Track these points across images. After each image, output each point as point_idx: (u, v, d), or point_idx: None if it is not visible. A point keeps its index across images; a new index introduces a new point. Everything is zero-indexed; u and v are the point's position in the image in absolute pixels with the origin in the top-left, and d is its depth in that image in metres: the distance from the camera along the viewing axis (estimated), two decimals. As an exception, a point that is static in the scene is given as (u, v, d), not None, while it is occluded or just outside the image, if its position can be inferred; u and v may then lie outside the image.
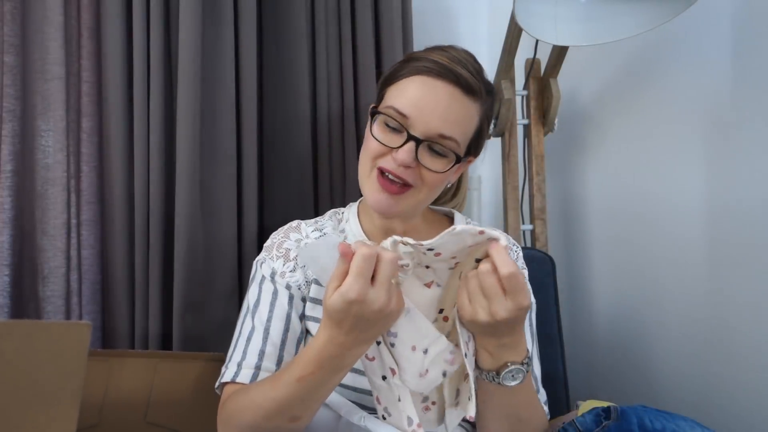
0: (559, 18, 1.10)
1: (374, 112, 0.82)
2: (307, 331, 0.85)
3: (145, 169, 1.14)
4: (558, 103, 1.31)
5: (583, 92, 1.44)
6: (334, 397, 0.79)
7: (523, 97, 1.40)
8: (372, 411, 0.77)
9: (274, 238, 0.91)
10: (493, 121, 1.38)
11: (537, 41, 1.29)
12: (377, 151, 0.80)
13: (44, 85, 1.12)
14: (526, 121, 1.39)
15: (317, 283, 0.84)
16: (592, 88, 1.42)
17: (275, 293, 0.84)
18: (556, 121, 1.35)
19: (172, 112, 1.17)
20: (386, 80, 0.84)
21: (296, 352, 0.79)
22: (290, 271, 0.85)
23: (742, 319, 1.03)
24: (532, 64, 1.38)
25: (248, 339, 0.82)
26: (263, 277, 0.86)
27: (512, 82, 1.32)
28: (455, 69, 0.78)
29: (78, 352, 0.62)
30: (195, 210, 1.15)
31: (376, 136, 0.80)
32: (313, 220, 0.94)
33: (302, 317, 0.84)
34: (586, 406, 0.95)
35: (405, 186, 0.79)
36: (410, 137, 0.77)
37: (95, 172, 1.17)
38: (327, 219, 0.93)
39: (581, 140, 1.44)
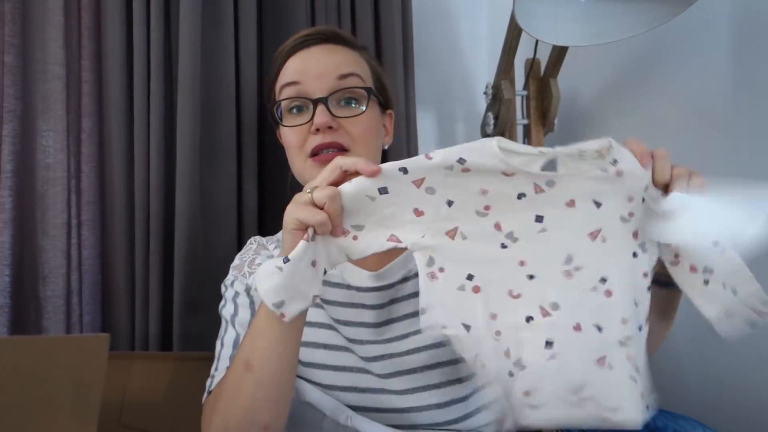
0: (559, 18, 1.10)
1: (274, 109, 0.81)
2: None
3: (145, 169, 1.14)
4: (558, 104, 1.31)
5: (583, 92, 1.44)
6: (318, 397, 0.77)
7: (522, 97, 1.40)
8: (362, 410, 0.76)
9: (243, 257, 0.88)
10: (492, 121, 1.38)
11: (537, 41, 1.29)
12: (297, 137, 0.79)
13: (44, 85, 1.12)
14: (525, 122, 1.39)
15: None
16: (592, 88, 1.42)
17: (252, 304, 0.81)
18: (556, 121, 1.35)
19: (172, 112, 1.17)
20: (270, 84, 0.86)
21: None
22: None
23: (743, 319, 1.03)
24: (532, 64, 1.38)
25: (234, 345, 0.78)
26: (237, 293, 0.83)
27: (512, 82, 1.32)
28: (315, 33, 0.81)
29: (97, 365, 0.62)
30: (195, 210, 1.15)
31: (287, 125, 0.79)
32: (274, 237, 0.91)
33: None
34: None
35: (341, 151, 0.77)
36: (315, 101, 0.76)
37: (95, 172, 1.17)
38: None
39: (581, 140, 1.44)
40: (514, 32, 1.24)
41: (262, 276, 0.58)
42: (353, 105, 0.79)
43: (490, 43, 1.61)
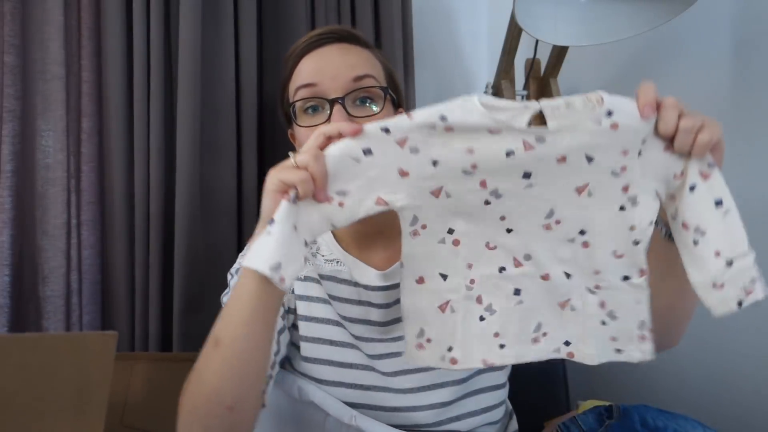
0: (559, 18, 1.10)
1: (290, 111, 0.80)
2: (295, 327, 0.80)
3: (145, 169, 1.14)
4: (558, 103, 1.31)
5: (583, 92, 1.44)
6: (321, 396, 0.77)
7: (523, 97, 1.40)
8: (364, 408, 0.76)
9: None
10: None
11: (537, 41, 1.29)
12: None
13: (44, 85, 1.12)
14: (526, 121, 1.39)
15: (300, 280, 0.81)
16: (592, 88, 1.41)
17: None
18: (556, 121, 1.35)
19: (172, 112, 1.17)
20: (282, 87, 0.84)
21: (278, 347, 0.75)
22: None
23: (742, 319, 1.03)
24: (532, 64, 1.38)
25: None
26: None
27: (512, 82, 1.32)
28: (328, 32, 0.80)
29: (104, 362, 0.62)
30: (195, 210, 1.15)
31: (303, 125, 0.78)
32: None
33: (283, 318, 0.79)
34: (586, 405, 0.95)
35: None
36: (331, 101, 0.75)
37: (95, 172, 1.17)
38: None
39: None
40: (514, 32, 1.24)
41: (252, 247, 0.56)
42: (368, 104, 0.78)
43: (490, 42, 1.61)
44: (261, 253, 0.55)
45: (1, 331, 1.07)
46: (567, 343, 0.65)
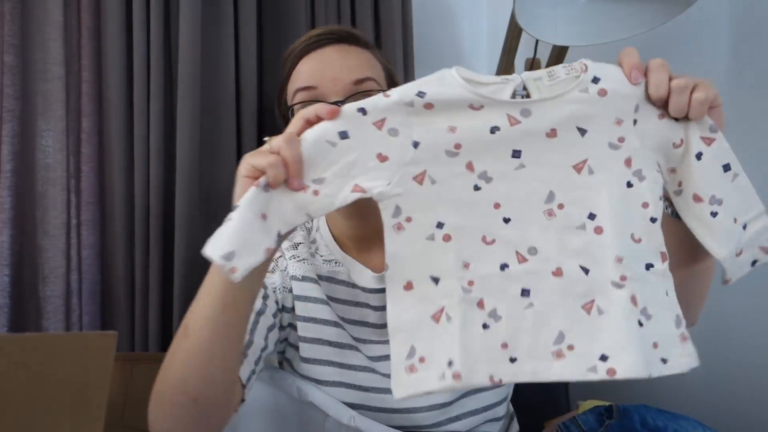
0: (559, 18, 1.10)
1: (288, 114, 0.78)
2: (293, 327, 0.80)
3: (145, 169, 1.14)
4: (558, 103, 1.31)
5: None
6: (321, 397, 0.77)
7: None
8: (364, 409, 0.76)
9: None
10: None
11: (537, 41, 1.29)
12: None
13: (44, 85, 1.12)
14: (526, 121, 1.39)
15: (298, 279, 0.80)
16: (592, 88, 1.41)
17: None
18: (556, 121, 1.35)
19: (172, 112, 1.17)
20: (279, 88, 0.84)
21: (266, 343, 0.75)
22: (268, 272, 0.80)
23: (742, 319, 1.03)
24: (531, 64, 1.38)
25: None
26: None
27: (512, 82, 1.32)
28: (328, 32, 0.79)
29: (103, 362, 0.61)
30: (195, 210, 1.15)
31: None
32: None
33: (275, 316, 0.79)
34: (586, 405, 0.95)
35: None
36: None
37: (95, 172, 1.16)
38: (298, 228, 0.88)
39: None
40: (514, 32, 1.24)
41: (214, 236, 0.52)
42: None
43: (490, 42, 1.61)
44: (216, 239, 0.52)
45: (1, 331, 1.07)
46: (603, 358, 0.52)
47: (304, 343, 0.78)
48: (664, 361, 0.54)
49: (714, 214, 0.54)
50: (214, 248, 0.52)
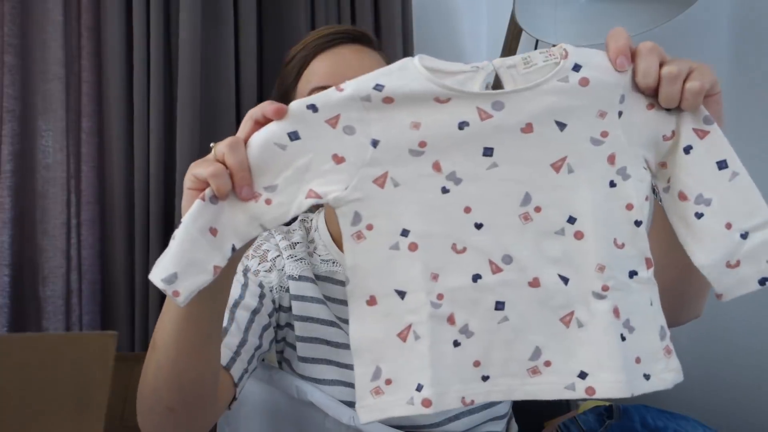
0: (559, 18, 1.10)
1: None
2: (291, 327, 0.80)
3: (145, 169, 1.14)
4: (558, 103, 1.32)
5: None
6: (320, 397, 0.77)
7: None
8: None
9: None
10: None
11: (537, 41, 1.29)
12: None
13: (44, 85, 1.12)
14: (526, 121, 1.39)
15: (295, 279, 0.80)
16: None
17: (245, 285, 0.78)
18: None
19: (172, 112, 1.17)
20: (278, 83, 0.81)
21: (260, 342, 0.75)
22: (265, 271, 0.79)
23: (742, 319, 1.03)
24: (531, 64, 1.38)
25: None
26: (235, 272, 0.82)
27: (512, 82, 1.32)
28: (343, 31, 0.77)
29: (103, 363, 0.61)
30: (195, 210, 1.15)
31: None
32: (284, 229, 0.87)
33: (271, 315, 0.79)
34: (586, 405, 0.95)
35: None
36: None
37: (95, 172, 1.16)
38: (297, 228, 0.88)
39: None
40: (514, 32, 1.24)
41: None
42: None
43: (490, 42, 1.61)
44: (160, 261, 0.48)
45: (1, 331, 1.07)
46: (583, 375, 0.49)
47: (301, 343, 0.78)
48: (646, 377, 0.50)
49: (699, 215, 0.49)
50: (156, 270, 0.47)
